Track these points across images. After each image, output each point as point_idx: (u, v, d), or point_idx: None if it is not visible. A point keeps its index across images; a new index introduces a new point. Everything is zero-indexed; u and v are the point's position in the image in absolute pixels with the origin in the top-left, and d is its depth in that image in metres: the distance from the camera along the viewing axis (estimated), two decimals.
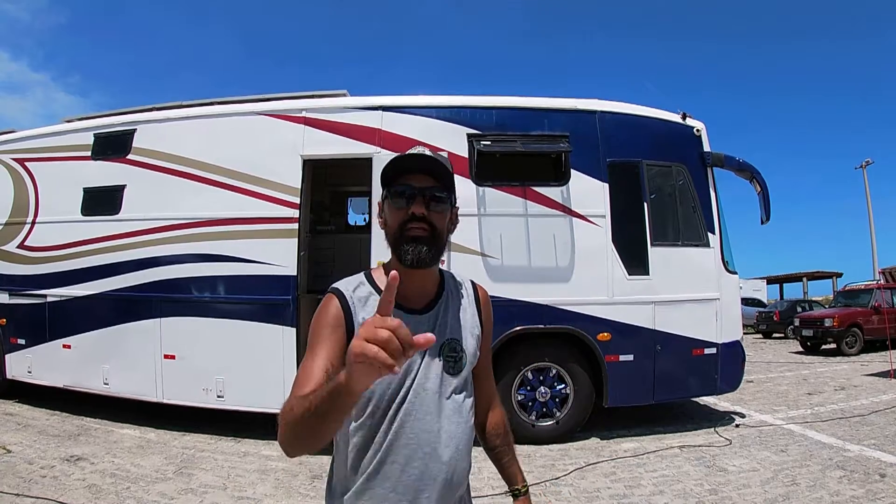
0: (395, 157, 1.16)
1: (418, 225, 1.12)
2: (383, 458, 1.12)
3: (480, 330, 1.29)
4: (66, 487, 3.78)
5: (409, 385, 1.14)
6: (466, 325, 1.26)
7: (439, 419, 1.16)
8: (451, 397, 1.19)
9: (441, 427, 1.16)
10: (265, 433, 5.12)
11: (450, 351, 1.20)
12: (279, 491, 3.87)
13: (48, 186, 6.05)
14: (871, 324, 12.57)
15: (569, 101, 5.41)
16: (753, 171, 5.61)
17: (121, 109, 6.24)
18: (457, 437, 1.18)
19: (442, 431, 1.15)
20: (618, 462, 4.47)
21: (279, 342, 4.98)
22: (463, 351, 1.23)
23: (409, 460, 1.12)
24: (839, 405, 6.55)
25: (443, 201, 1.16)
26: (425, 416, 1.14)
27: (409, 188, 1.13)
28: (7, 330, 6.13)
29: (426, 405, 1.15)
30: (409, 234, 1.13)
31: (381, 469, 1.12)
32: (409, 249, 1.12)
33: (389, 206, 1.17)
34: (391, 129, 5.17)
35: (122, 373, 5.42)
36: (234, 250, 5.16)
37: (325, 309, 1.15)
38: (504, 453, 1.39)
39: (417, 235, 1.12)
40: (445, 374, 1.18)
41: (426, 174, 1.15)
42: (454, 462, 1.16)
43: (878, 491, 3.68)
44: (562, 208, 5.12)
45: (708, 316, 5.23)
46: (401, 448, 1.12)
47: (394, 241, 1.16)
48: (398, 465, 1.12)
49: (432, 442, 1.14)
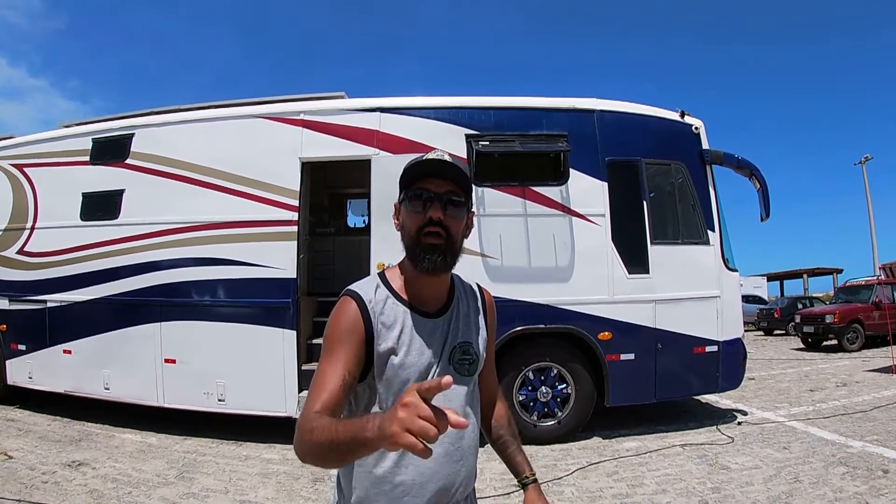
0: (414, 161, 1.15)
1: (434, 229, 1.12)
2: (397, 461, 1.13)
3: (486, 333, 1.31)
4: (68, 493, 3.78)
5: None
6: (476, 327, 1.28)
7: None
8: (465, 399, 1.22)
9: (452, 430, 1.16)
10: (266, 436, 5.11)
11: (463, 354, 1.22)
12: (281, 494, 3.87)
13: (47, 192, 6.05)
14: (871, 319, 12.59)
15: (567, 100, 5.40)
16: (752, 169, 5.60)
17: (119, 114, 6.25)
18: (468, 436, 1.21)
19: (452, 432, 1.15)
20: (620, 461, 4.46)
21: (279, 345, 4.97)
22: (475, 354, 1.25)
23: (422, 464, 1.12)
24: (841, 401, 6.54)
25: (460, 206, 1.16)
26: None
27: (427, 192, 1.13)
28: (7, 336, 6.12)
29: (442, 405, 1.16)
30: (426, 242, 1.13)
31: (396, 473, 1.13)
32: (425, 258, 1.13)
33: (406, 210, 1.17)
34: (389, 130, 5.16)
35: (122, 377, 5.42)
36: (234, 254, 5.16)
37: (342, 313, 1.14)
38: (509, 443, 1.39)
39: (434, 244, 1.12)
40: (459, 376, 1.20)
41: (444, 178, 1.14)
42: (464, 461, 1.19)
43: (881, 487, 3.67)
44: (561, 208, 5.12)
45: (709, 314, 5.23)
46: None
47: (411, 246, 1.16)
48: (413, 467, 1.13)
49: (445, 444, 1.15)
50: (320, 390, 1.05)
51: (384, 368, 1.14)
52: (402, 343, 1.15)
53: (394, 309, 1.16)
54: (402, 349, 1.14)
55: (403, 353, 1.14)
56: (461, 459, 1.19)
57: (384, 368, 1.14)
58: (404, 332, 1.16)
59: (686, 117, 5.52)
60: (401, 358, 1.14)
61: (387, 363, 1.13)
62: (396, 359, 1.14)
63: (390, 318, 1.15)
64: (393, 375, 1.14)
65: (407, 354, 1.14)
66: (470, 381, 1.23)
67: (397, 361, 1.13)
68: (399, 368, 1.14)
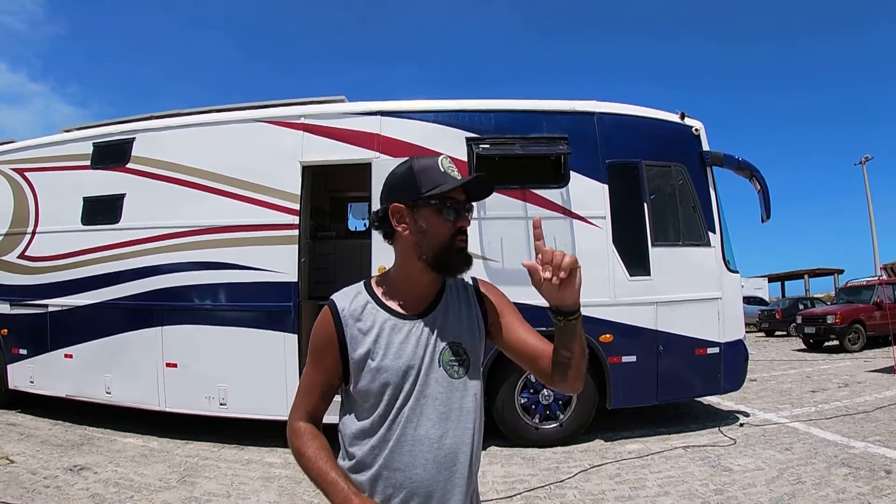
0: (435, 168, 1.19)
1: (462, 237, 1.21)
2: (386, 464, 1.14)
3: (485, 325, 1.28)
4: (70, 497, 3.78)
5: (407, 391, 1.16)
6: (469, 323, 1.26)
7: (444, 424, 1.16)
8: (455, 401, 1.19)
9: (446, 432, 1.16)
10: (268, 440, 5.11)
11: (452, 355, 1.21)
12: (283, 498, 3.86)
13: (48, 196, 6.06)
14: (873, 320, 12.57)
15: (567, 102, 5.41)
16: (753, 170, 5.60)
17: (119, 118, 6.26)
18: (461, 441, 1.17)
19: (446, 437, 1.16)
20: (622, 463, 4.45)
21: (281, 349, 4.98)
22: (466, 354, 1.23)
23: (410, 467, 1.13)
24: (843, 402, 6.53)
25: (470, 213, 1.25)
26: (426, 422, 1.15)
27: (457, 203, 1.20)
28: (9, 340, 6.13)
29: (427, 412, 1.16)
30: (459, 246, 1.20)
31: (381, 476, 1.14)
32: (462, 260, 1.20)
33: (434, 216, 1.18)
34: (390, 133, 5.17)
35: (124, 382, 5.42)
36: (235, 258, 5.16)
37: (319, 323, 1.23)
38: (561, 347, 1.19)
39: (464, 248, 1.21)
40: (450, 379, 1.19)
41: (461, 188, 1.20)
42: (457, 467, 1.16)
43: (883, 487, 3.67)
44: (562, 210, 5.12)
45: (710, 315, 5.22)
46: (403, 455, 1.14)
47: (441, 251, 1.18)
48: (400, 472, 1.13)
49: (434, 449, 1.14)
50: (303, 398, 1.25)
51: (360, 374, 1.17)
52: (378, 347, 1.17)
53: (372, 313, 1.20)
54: (379, 352, 1.17)
55: (380, 356, 1.16)
56: (454, 465, 1.16)
57: (360, 374, 1.17)
58: (381, 335, 1.18)
59: (686, 119, 5.53)
60: (378, 362, 1.16)
61: (363, 368, 1.17)
62: (373, 363, 1.16)
63: (367, 324, 1.19)
64: (371, 380, 1.16)
65: (384, 357, 1.16)
66: (463, 383, 1.20)
67: (374, 365, 1.16)
68: (377, 372, 1.16)
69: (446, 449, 1.15)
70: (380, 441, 1.15)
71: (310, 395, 1.23)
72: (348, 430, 1.21)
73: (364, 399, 1.18)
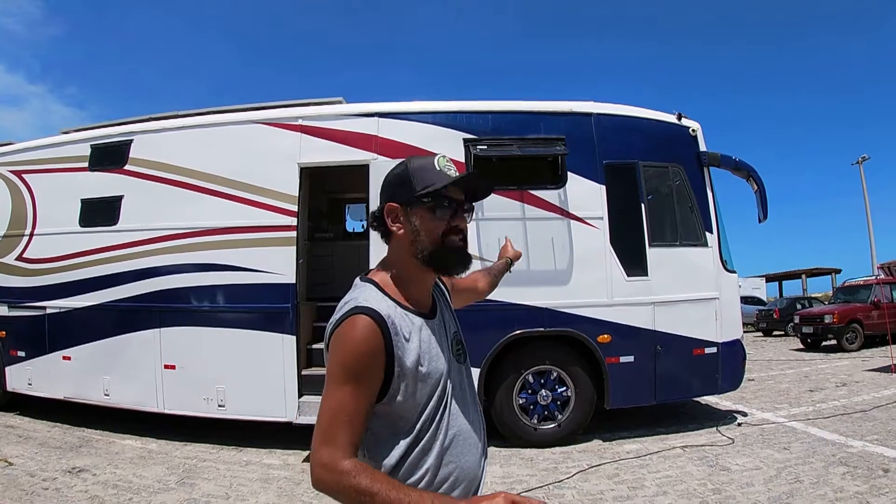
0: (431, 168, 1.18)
1: (459, 236, 1.19)
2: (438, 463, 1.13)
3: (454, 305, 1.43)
4: (68, 499, 3.77)
5: (449, 389, 1.18)
6: (450, 313, 1.35)
7: (468, 410, 1.22)
8: (467, 387, 1.27)
9: (472, 418, 1.23)
10: (267, 442, 5.11)
11: (457, 343, 1.29)
12: (282, 499, 3.87)
13: (46, 198, 6.05)
14: (870, 319, 12.60)
15: (564, 103, 5.42)
16: (750, 170, 5.62)
17: (117, 120, 6.26)
18: (480, 421, 1.27)
19: (473, 422, 1.23)
20: (621, 464, 4.46)
21: (279, 350, 4.97)
22: (462, 341, 1.33)
23: (461, 456, 1.16)
24: (841, 401, 6.55)
25: (470, 214, 1.24)
26: (462, 413, 1.20)
27: (453, 201, 1.18)
28: (7, 342, 6.12)
29: (459, 404, 1.20)
30: (456, 245, 1.19)
31: (439, 471, 1.13)
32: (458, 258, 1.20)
33: (427, 215, 1.17)
34: (388, 135, 5.18)
35: (122, 383, 5.41)
36: (233, 259, 5.16)
37: (363, 337, 1.06)
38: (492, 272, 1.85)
39: (461, 247, 1.20)
40: (459, 366, 1.26)
41: (458, 187, 1.20)
42: (481, 446, 1.25)
43: (881, 486, 3.68)
44: (559, 211, 5.13)
45: (708, 315, 5.24)
46: (455, 448, 1.16)
47: (434, 250, 1.17)
48: (453, 464, 1.15)
49: (472, 435, 1.21)
50: (345, 430, 1.02)
51: (407, 384, 1.09)
52: (423, 352, 1.13)
53: (405, 319, 1.13)
54: (426, 357, 1.13)
55: (427, 361, 1.13)
56: (482, 445, 1.25)
57: (407, 384, 1.09)
58: (422, 340, 1.14)
59: (683, 119, 5.55)
60: (426, 367, 1.12)
61: (414, 377, 1.10)
62: (423, 369, 1.12)
63: (407, 330, 1.12)
64: (421, 387, 1.11)
65: (430, 361, 1.14)
66: (467, 367, 1.31)
67: (424, 371, 1.12)
68: (427, 377, 1.12)
69: (477, 433, 1.23)
70: (428, 443, 1.12)
71: (353, 424, 1.03)
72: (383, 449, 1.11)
73: (408, 410, 1.10)
